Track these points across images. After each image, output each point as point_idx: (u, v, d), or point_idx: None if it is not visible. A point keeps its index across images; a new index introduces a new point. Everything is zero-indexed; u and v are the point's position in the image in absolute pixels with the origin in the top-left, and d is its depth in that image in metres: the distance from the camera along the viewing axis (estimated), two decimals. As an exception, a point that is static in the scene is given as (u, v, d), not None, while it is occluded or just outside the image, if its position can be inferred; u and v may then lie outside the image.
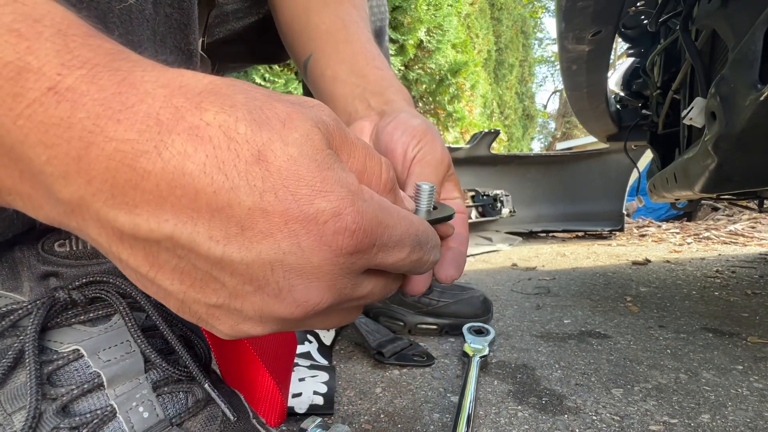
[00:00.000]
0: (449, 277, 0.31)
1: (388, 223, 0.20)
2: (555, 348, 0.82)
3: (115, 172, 0.16)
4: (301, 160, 0.17)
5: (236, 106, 0.17)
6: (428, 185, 0.27)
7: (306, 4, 0.47)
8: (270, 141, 0.17)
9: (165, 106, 0.16)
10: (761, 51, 0.51)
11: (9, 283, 0.30)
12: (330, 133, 0.20)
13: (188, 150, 0.16)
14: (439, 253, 0.26)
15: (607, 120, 1.53)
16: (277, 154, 0.17)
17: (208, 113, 0.17)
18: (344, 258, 0.18)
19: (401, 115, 0.36)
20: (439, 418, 0.57)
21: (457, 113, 4.82)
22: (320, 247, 0.18)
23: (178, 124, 0.16)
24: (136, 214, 0.17)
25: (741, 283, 1.38)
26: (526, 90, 10.30)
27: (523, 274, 1.69)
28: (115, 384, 0.30)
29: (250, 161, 0.17)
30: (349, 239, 0.18)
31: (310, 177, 0.17)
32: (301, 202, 0.17)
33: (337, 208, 0.18)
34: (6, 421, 0.28)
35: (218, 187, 0.16)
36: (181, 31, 0.33)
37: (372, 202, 0.19)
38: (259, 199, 0.17)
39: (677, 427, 0.54)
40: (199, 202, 0.16)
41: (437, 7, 4.44)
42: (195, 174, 0.16)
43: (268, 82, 3.51)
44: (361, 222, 0.18)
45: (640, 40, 1.30)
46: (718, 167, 0.63)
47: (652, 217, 4.16)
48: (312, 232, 0.17)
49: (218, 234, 0.17)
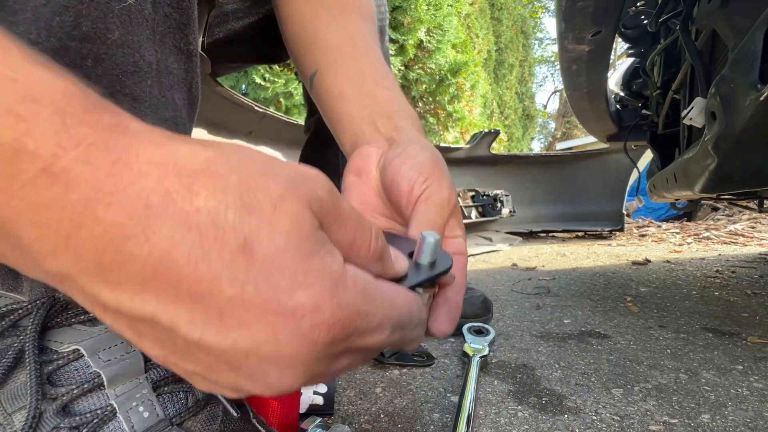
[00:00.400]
0: (442, 333, 0.30)
1: (368, 311, 0.20)
2: (555, 348, 0.82)
3: (102, 252, 0.16)
4: (286, 250, 0.18)
5: (228, 189, 0.17)
6: (433, 238, 0.27)
7: (313, 17, 0.46)
8: (257, 229, 0.17)
9: (157, 188, 0.17)
10: (761, 51, 0.51)
11: (9, 283, 0.30)
12: (323, 209, 0.20)
13: (175, 237, 0.16)
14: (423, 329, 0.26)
15: (607, 120, 1.53)
16: (263, 243, 0.17)
17: (199, 198, 0.17)
18: (320, 347, 0.19)
19: (410, 147, 0.35)
20: (439, 418, 0.57)
21: (457, 113, 4.82)
22: (296, 339, 0.18)
23: (167, 209, 0.16)
24: (121, 292, 0.17)
25: (741, 283, 1.38)
26: (526, 90, 10.30)
27: (523, 274, 1.69)
28: (116, 384, 0.30)
29: (235, 251, 0.17)
30: (326, 333, 0.18)
31: (293, 268, 0.18)
32: (281, 295, 0.17)
33: (316, 303, 0.18)
34: (6, 420, 0.28)
35: (201, 276, 0.17)
36: (181, 31, 0.33)
37: (354, 290, 0.19)
38: (240, 290, 0.17)
39: (677, 427, 0.54)
40: (182, 289, 0.17)
41: (437, 7, 4.44)
42: (180, 261, 0.16)
43: (268, 82, 3.51)
44: (339, 315, 0.18)
45: (640, 40, 1.30)
46: (718, 167, 0.63)
47: (652, 217, 4.16)
48: (289, 325, 0.18)
49: (198, 319, 0.17)
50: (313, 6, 0.46)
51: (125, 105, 0.29)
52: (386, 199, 0.36)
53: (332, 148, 0.74)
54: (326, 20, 0.46)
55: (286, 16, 0.50)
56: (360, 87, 0.42)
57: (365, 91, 0.41)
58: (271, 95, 3.55)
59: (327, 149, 0.74)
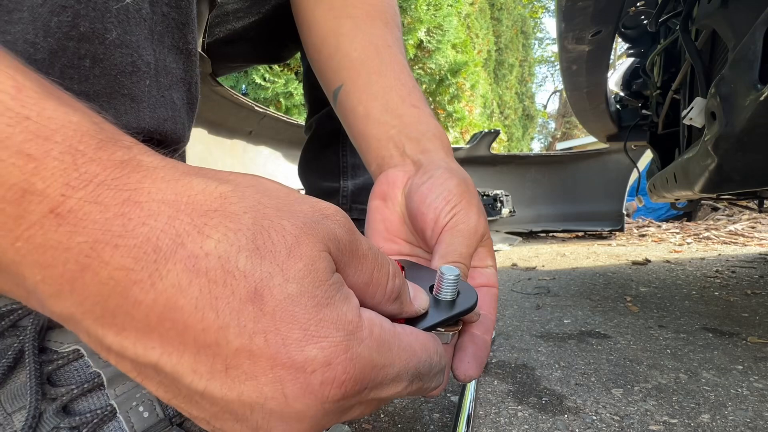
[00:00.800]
0: (467, 377, 0.28)
1: (384, 363, 0.19)
2: (555, 348, 0.82)
3: (108, 297, 0.16)
4: (299, 299, 0.17)
5: (241, 231, 0.17)
6: (453, 273, 0.25)
7: (336, 27, 0.44)
8: (269, 276, 0.16)
9: (167, 229, 0.16)
10: (761, 51, 0.51)
11: (9, 282, 0.30)
12: (340, 249, 0.19)
13: (182, 282, 0.16)
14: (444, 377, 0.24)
15: (607, 120, 1.53)
16: (274, 292, 0.16)
17: (209, 241, 0.16)
18: (330, 404, 0.18)
19: (437, 173, 0.34)
20: (439, 418, 0.57)
21: (457, 113, 4.82)
22: (305, 396, 0.17)
23: (176, 253, 0.16)
24: (124, 337, 0.17)
25: (741, 283, 1.38)
26: (526, 90, 10.30)
27: (523, 274, 1.69)
28: (116, 383, 0.30)
29: (244, 299, 0.16)
30: (338, 389, 0.17)
31: (305, 319, 0.17)
32: (291, 348, 0.16)
33: (328, 357, 0.17)
34: (6, 420, 0.28)
35: (208, 325, 0.16)
36: (180, 31, 0.33)
37: (369, 342, 0.18)
38: (248, 341, 0.16)
39: (677, 427, 0.54)
40: (187, 337, 0.16)
41: (437, 7, 4.45)
42: (186, 309, 0.16)
43: (268, 82, 3.52)
44: (352, 371, 0.18)
45: (640, 40, 1.30)
46: (718, 167, 0.63)
47: (652, 217, 4.16)
48: (298, 380, 0.17)
49: (202, 369, 0.17)
50: (337, 16, 0.44)
51: (124, 105, 0.29)
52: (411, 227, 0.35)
53: (332, 147, 0.74)
54: (349, 29, 0.44)
55: (308, 26, 0.48)
56: (386, 105, 0.40)
57: (391, 108, 0.40)
58: (271, 95, 3.55)
59: (327, 149, 0.74)
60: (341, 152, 0.73)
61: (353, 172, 0.74)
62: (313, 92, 0.71)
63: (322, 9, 0.46)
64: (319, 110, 0.73)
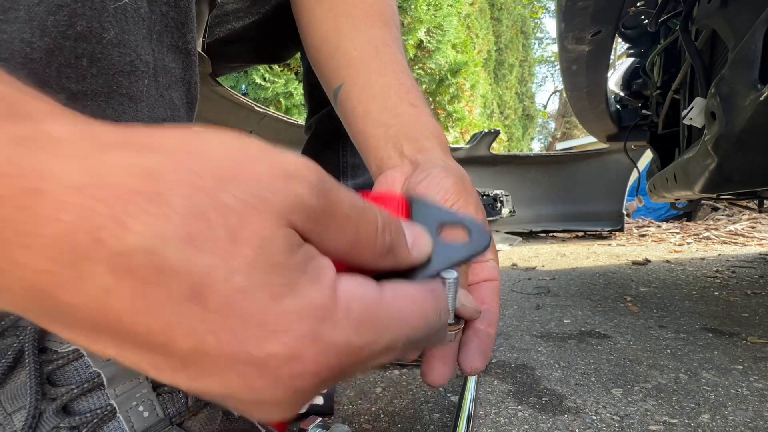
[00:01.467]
0: (474, 369, 0.27)
1: (366, 342, 0.17)
2: (555, 348, 0.82)
3: (40, 299, 0.14)
4: (250, 291, 0.14)
5: (168, 217, 0.14)
6: (453, 277, 0.23)
7: (336, 27, 0.45)
8: (210, 270, 0.14)
9: (80, 224, 0.13)
10: (761, 51, 0.51)
11: (8, 282, 0.30)
12: (310, 215, 0.16)
13: (109, 285, 0.13)
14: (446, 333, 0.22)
15: (607, 120, 1.53)
16: (218, 288, 0.14)
17: (130, 236, 0.13)
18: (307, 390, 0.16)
19: (434, 171, 0.34)
20: (439, 418, 0.57)
21: (457, 113, 4.82)
22: (275, 388, 0.15)
23: (96, 252, 0.13)
24: (75, 335, 0.15)
25: (741, 283, 1.38)
26: (526, 90, 10.31)
27: (523, 274, 1.69)
28: (115, 383, 0.30)
29: (183, 298, 0.14)
30: (311, 379, 0.16)
31: (260, 313, 0.14)
32: (249, 345, 0.14)
33: (293, 352, 0.15)
34: (6, 420, 0.28)
35: (150, 329, 0.14)
36: (178, 30, 0.33)
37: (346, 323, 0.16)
38: (199, 342, 0.14)
39: (677, 427, 0.54)
40: (135, 340, 0.14)
41: (437, 7, 4.45)
42: (122, 313, 0.14)
43: (268, 82, 3.52)
44: (325, 361, 0.16)
45: (640, 40, 1.30)
46: (718, 167, 0.63)
47: (652, 217, 4.16)
48: (264, 375, 0.15)
49: (162, 365, 0.15)
50: (337, 16, 0.45)
51: (122, 105, 0.29)
52: None
53: (333, 147, 0.74)
54: (349, 29, 0.44)
55: (308, 26, 0.48)
56: (385, 105, 0.40)
57: (390, 108, 0.40)
58: (271, 95, 3.56)
59: (327, 149, 0.74)
60: (341, 152, 0.73)
61: (353, 172, 0.74)
62: (314, 92, 0.72)
63: (322, 9, 0.46)
64: (320, 110, 0.73)
